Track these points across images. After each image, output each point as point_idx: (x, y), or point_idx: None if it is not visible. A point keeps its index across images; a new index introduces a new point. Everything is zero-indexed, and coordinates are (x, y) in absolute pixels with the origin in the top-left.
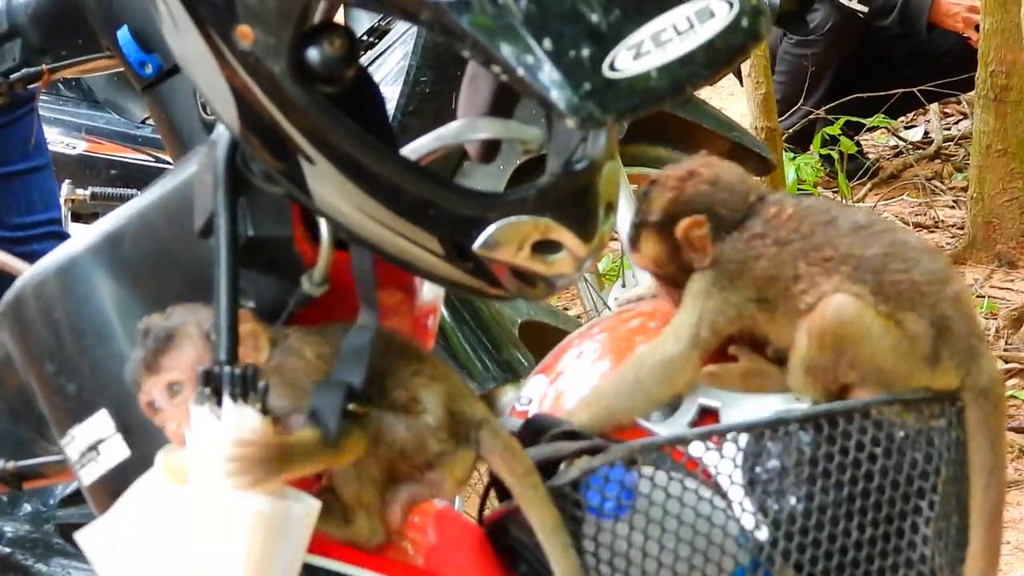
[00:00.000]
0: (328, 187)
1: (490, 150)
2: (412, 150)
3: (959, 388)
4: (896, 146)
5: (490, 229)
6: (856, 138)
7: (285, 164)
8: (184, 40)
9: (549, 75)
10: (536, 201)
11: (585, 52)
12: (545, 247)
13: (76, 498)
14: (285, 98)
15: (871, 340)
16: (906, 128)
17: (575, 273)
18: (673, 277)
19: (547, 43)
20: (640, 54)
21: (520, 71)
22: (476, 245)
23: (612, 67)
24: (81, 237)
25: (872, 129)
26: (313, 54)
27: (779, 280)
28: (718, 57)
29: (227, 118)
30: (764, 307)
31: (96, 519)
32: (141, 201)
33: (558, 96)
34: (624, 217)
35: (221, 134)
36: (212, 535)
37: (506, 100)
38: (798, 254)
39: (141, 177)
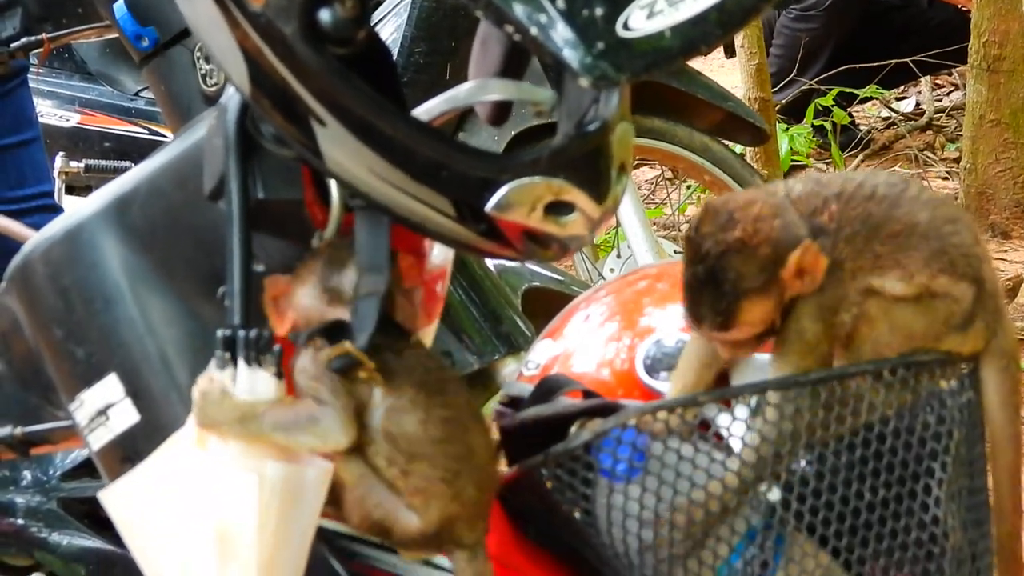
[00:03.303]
0: (339, 149)
1: (501, 112)
2: (423, 112)
3: (983, 350)
4: (888, 117)
5: (502, 190)
6: (849, 109)
7: (296, 126)
8: (194, 2)
9: (562, 34)
10: (549, 162)
11: (598, 11)
12: (558, 208)
13: (79, 471)
14: (296, 60)
15: (903, 329)
16: (897, 100)
17: (588, 235)
18: (767, 329)
19: (560, 2)
20: (653, 13)
21: (533, 30)
22: (488, 206)
23: (626, 26)
24: (89, 202)
25: (864, 101)
26: (325, 15)
27: (855, 273)
28: (731, 17)
29: (238, 81)
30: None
31: (103, 488)
32: (149, 165)
33: (571, 55)
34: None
35: (231, 97)
36: (227, 500)
37: (517, 62)
38: (865, 240)
39: (135, 149)
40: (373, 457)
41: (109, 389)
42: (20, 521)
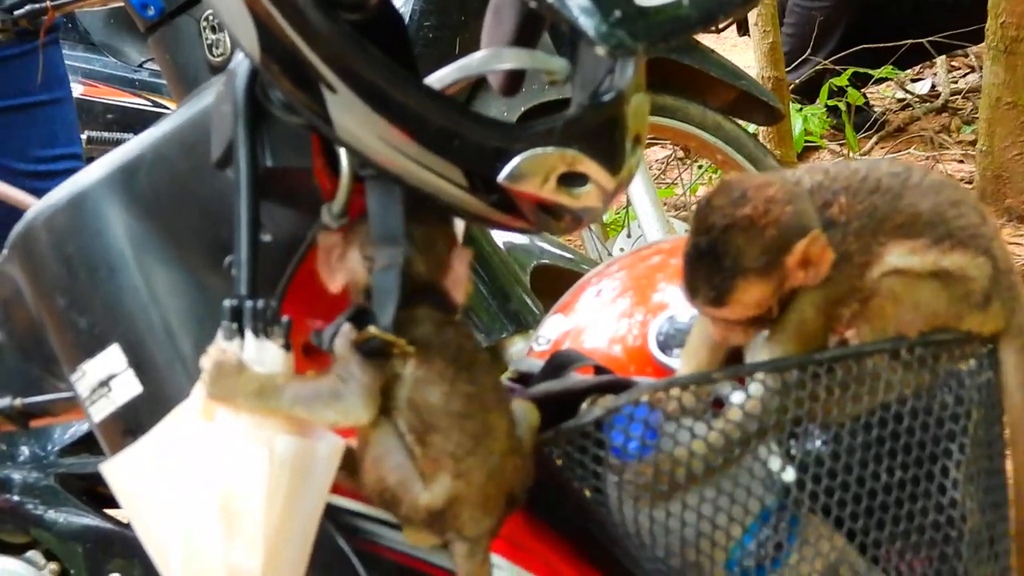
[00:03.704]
0: (350, 117)
1: (514, 82)
2: (436, 80)
3: (1002, 330)
4: (903, 99)
5: (515, 161)
6: (863, 90)
7: (306, 93)
8: None
9: (579, 2)
10: (563, 133)
11: None
12: (571, 180)
13: (78, 446)
14: (308, 25)
15: (923, 307)
16: (912, 81)
17: (602, 207)
18: (762, 317)
19: None
20: None
21: None
22: (501, 177)
23: None
24: (93, 169)
25: (879, 82)
26: None
27: (862, 268)
28: None
29: (247, 46)
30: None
31: (103, 463)
32: (155, 132)
33: (588, 23)
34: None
35: (240, 63)
36: (235, 473)
37: (530, 31)
38: (872, 234)
39: (138, 122)
40: (397, 421)
41: (112, 360)
42: (16, 497)
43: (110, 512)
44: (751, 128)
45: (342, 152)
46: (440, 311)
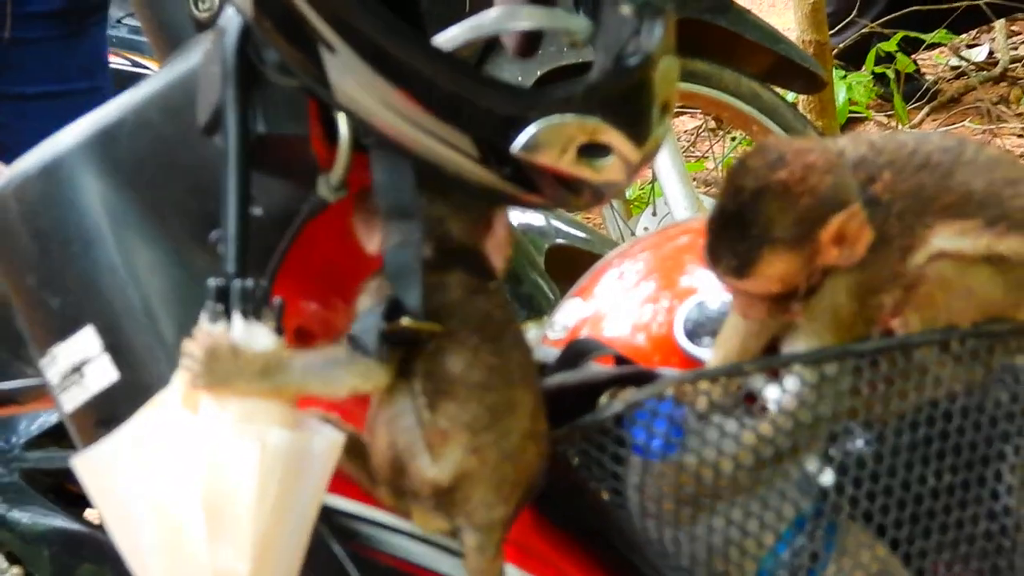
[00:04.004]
0: (350, 79)
1: (530, 43)
2: (445, 40)
3: None
4: (957, 67)
5: (531, 129)
6: (914, 56)
7: (303, 53)
8: None
9: None
10: (583, 99)
11: None
12: (592, 151)
13: (45, 439)
14: None
15: (977, 294)
16: (968, 47)
17: (625, 181)
18: (790, 296)
19: None
20: None
21: None
22: (515, 147)
23: None
24: (67, 135)
25: (931, 47)
26: None
27: (904, 252)
28: None
29: (238, 0)
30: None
31: (73, 457)
32: (136, 95)
33: None
34: (663, 153)
35: (230, 20)
36: (222, 470)
37: None
38: (916, 215)
39: (116, 82)
40: (412, 384)
41: (85, 343)
42: None
43: (80, 512)
44: (790, 97)
45: (341, 118)
46: (474, 276)
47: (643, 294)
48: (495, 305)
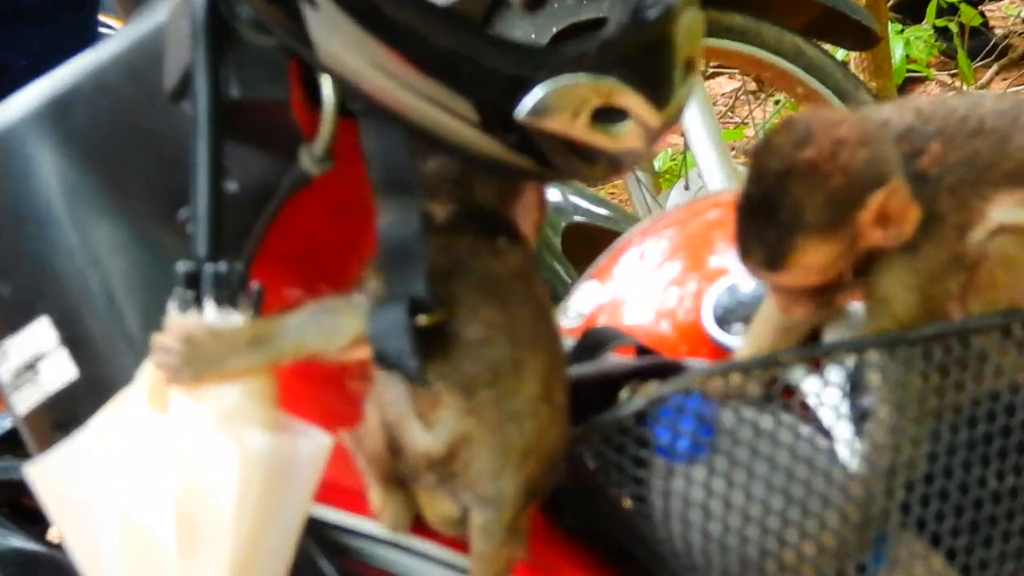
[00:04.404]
0: (335, 37)
1: None
2: None
3: None
4: None
5: (539, 92)
6: (980, 7)
7: (281, 8)
8: None
9: None
10: (598, 57)
11: None
12: (608, 115)
13: None
14: None
15: None
16: None
17: (644, 148)
18: (829, 289)
19: None
20: None
21: None
22: (521, 112)
23: None
24: (18, 102)
25: None
26: None
27: (960, 230)
28: None
29: None
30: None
31: (27, 465)
32: (95, 57)
33: None
34: (690, 105)
35: None
36: (197, 477)
37: None
38: (971, 187)
39: None
40: None
41: (40, 336)
42: None
43: (41, 531)
44: (839, 54)
45: (325, 80)
46: (486, 240)
47: (668, 276)
48: (506, 263)
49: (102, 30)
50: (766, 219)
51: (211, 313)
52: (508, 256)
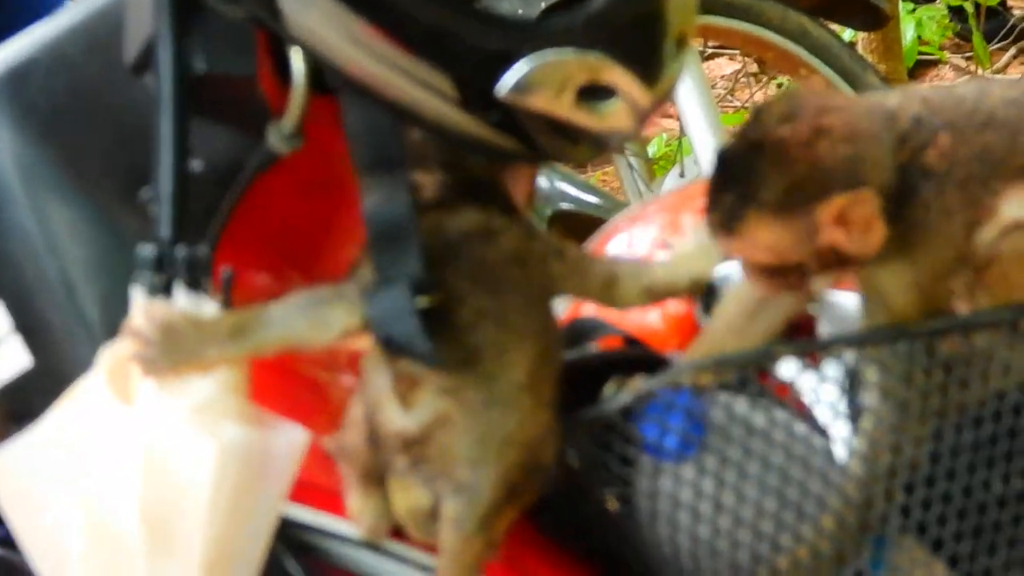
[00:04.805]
0: (307, 8)
1: None
2: None
3: None
4: None
5: (522, 67)
6: None
7: None
8: None
9: None
10: (585, 31)
11: None
12: (594, 93)
13: None
14: None
15: None
16: None
17: (633, 128)
18: (792, 272)
19: None
20: None
21: None
22: (502, 88)
23: None
24: None
25: None
26: None
27: (970, 228)
28: None
29: None
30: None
31: None
32: (51, 28)
33: None
34: (686, 88)
35: None
36: (168, 471)
37: None
38: (981, 182)
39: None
40: None
41: None
42: None
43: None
44: (847, 35)
45: (295, 54)
46: (486, 213)
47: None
48: (499, 247)
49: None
50: (729, 183)
51: (182, 299)
52: (502, 239)
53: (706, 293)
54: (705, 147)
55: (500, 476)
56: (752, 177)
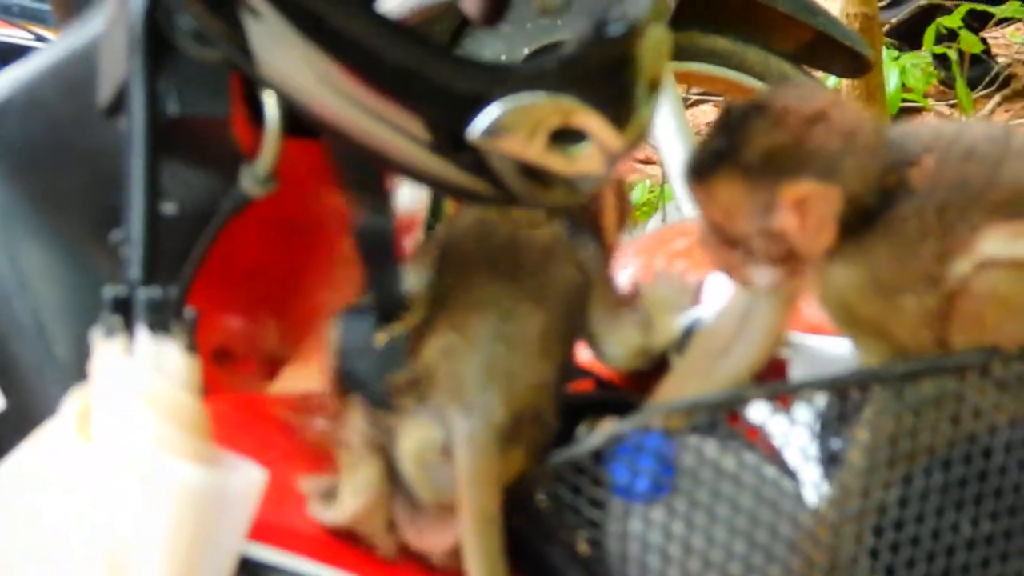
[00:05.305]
0: (279, 50)
1: (495, 7)
2: (393, 6)
3: None
4: None
5: (493, 111)
6: (982, 34)
7: (222, 18)
8: None
9: None
10: (557, 75)
11: None
12: (566, 137)
13: None
14: None
15: None
16: None
17: (604, 172)
18: (736, 240)
19: None
20: None
21: None
22: (474, 132)
23: None
24: None
25: (1002, 23)
26: None
27: (943, 256)
28: None
29: None
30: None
31: None
32: (26, 70)
33: None
34: (669, 135)
35: None
36: (125, 511)
37: None
38: (960, 212)
39: (17, 59)
40: None
41: None
42: None
43: None
44: (831, 82)
45: (268, 96)
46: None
47: None
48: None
49: (42, 44)
50: (720, 134)
51: (144, 340)
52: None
53: None
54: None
55: (507, 400)
56: (739, 134)
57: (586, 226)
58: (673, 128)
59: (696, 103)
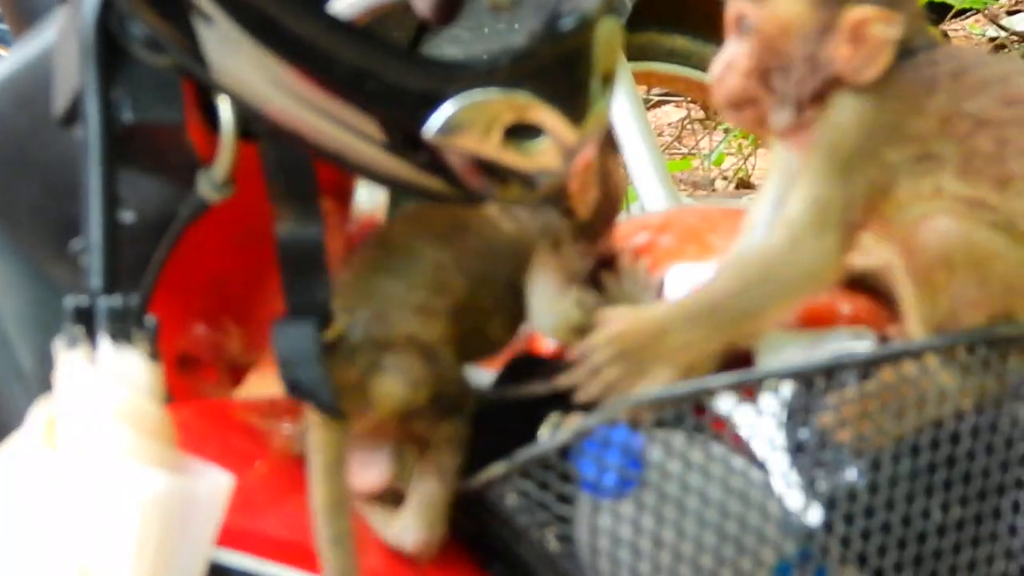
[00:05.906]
0: (232, 55)
1: (449, 7)
2: (344, 7)
3: None
4: (995, 38)
5: (448, 108)
6: (942, 26)
7: (174, 25)
8: None
9: None
10: (510, 70)
11: None
12: (521, 132)
13: None
14: None
15: (998, 281)
16: (1009, 14)
17: (561, 167)
18: (777, 67)
19: None
20: None
21: None
22: (429, 130)
23: None
24: None
25: (961, 14)
26: None
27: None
28: None
29: None
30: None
31: None
32: None
33: None
34: (632, 136)
35: None
36: (92, 519)
37: None
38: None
39: None
40: None
41: None
42: None
43: None
44: None
45: (222, 101)
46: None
47: None
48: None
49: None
50: None
51: (106, 348)
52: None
53: None
54: (652, 194)
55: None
56: None
57: (551, 199)
58: (636, 129)
59: (658, 104)
